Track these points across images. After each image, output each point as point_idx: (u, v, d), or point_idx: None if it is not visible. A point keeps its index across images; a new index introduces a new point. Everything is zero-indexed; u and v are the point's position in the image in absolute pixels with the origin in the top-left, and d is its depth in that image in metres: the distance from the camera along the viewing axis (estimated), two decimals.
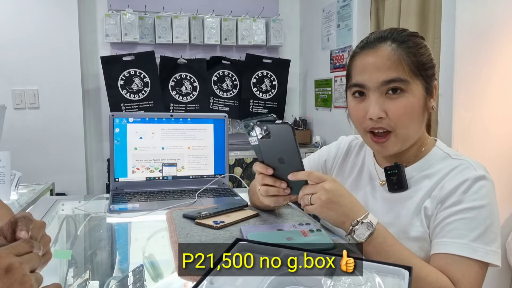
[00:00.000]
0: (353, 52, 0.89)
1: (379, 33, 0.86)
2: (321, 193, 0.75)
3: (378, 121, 0.82)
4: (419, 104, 0.82)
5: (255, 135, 0.78)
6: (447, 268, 0.74)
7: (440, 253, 0.77)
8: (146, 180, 1.39)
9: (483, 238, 0.75)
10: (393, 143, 0.84)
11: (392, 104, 0.81)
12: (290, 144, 0.75)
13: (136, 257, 0.98)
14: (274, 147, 0.78)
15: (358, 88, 0.84)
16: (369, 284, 0.53)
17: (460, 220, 0.77)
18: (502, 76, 1.73)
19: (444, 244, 0.77)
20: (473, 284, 0.73)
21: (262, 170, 0.82)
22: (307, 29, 3.14)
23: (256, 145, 0.80)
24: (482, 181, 0.80)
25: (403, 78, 0.80)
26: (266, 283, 0.56)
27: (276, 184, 0.81)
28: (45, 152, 2.65)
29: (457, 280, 0.73)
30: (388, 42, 0.82)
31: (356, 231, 0.74)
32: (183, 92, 2.88)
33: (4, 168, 1.37)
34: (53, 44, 2.62)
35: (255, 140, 0.79)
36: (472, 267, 0.74)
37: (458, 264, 0.74)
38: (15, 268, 0.47)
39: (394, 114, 0.81)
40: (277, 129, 0.75)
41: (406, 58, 0.81)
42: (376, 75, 0.81)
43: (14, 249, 0.50)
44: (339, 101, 2.69)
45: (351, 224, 0.75)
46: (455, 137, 1.68)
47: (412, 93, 0.81)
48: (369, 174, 0.97)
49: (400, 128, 0.82)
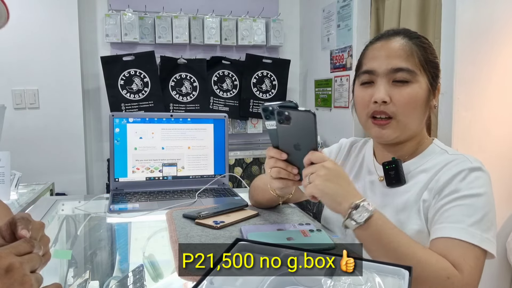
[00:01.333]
0: (367, 43, 0.93)
1: (393, 29, 0.92)
2: (320, 171, 0.75)
3: (382, 105, 0.85)
4: (423, 96, 0.86)
5: (274, 119, 0.77)
6: (447, 252, 0.75)
7: (439, 237, 0.78)
8: (146, 180, 1.39)
9: (480, 225, 0.77)
10: (393, 129, 0.86)
11: (397, 91, 0.85)
12: (309, 132, 0.75)
13: (136, 257, 0.98)
14: (293, 133, 0.77)
15: (367, 74, 0.88)
16: (369, 284, 0.53)
17: (457, 207, 0.79)
18: (502, 76, 1.73)
19: (443, 229, 0.78)
20: (473, 268, 0.74)
21: (276, 155, 0.81)
22: (307, 29, 3.14)
23: (273, 130, 0.79)
24: (478, 172, 0.82)
25: (411, 69, 0.84)
26: (266, 283, 0.56)
27: (287, 168, 0.80)
28: (45, 152, 2.65)
29: (458, 263, 0.73)
30: (401, 35, 0.88)
31: (355, 214, 0.74)
32: (183, 92, 2.88)
33: (4, 168, 1.37)
34: (53, 44, 2.62)
35: (273, 124, 0.78)
36: (471, 251, 0.75)
37: (458, 248, 0.75)
38: (16, 268, 0.47)
39: (398, 101, 0.84)
40: (300, 116, 0.75)
41: (417, 51, 0.86)
42: (386, 62, 0.85)
43: (15, 249, 0.50)
44: (339, 101, 2.69)
45: (350, 207, 0.74)
46: (455, 137, 1.68)
47: (418, 84, 0.85)
48: (368, 171, 0.98)
49: (402, 116, 0.85)
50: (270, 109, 0.78)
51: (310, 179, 0.76)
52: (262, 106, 0.79)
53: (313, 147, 0.77)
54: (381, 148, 0.96)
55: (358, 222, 0.74)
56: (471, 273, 0.73)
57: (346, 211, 0.75)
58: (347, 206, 0.75)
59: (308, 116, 0.74)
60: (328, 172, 0.75)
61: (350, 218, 0.74)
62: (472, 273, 0.73)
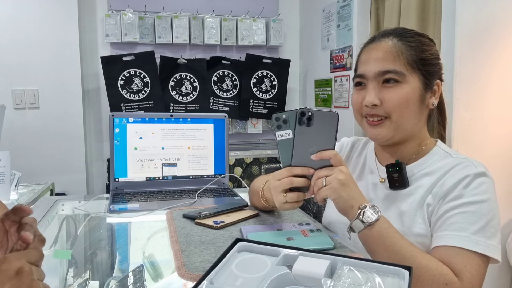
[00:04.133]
0: (362, 46, 0.95)
1: (385, 30, 0.93)
2: (338, 175, 0.76)
3: (373, 107, 0.87)
4: (414, 96, 0.86)
5: (288, 128, 0.76)
6: (448, 260, 0.75)
7: (441, 245, 0.77)
8: (146, 180, 1.39)
9: (484, 232, 0.76)
10: (387, 128, 0.87)
11: (387, 93, 0.86)
12: (330, 134, 0.76)
13: (136, 257, 0.98)
14: (312, 137, 0.77)
15: (359, 78, 0.91)
16: (369, 284, 0.53)
17: (461, 214, 0.78)
18: (502, 76, 1.73)
19: (445, 237, 0.77)
20: (475, 275, 0.74)
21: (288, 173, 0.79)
22: (307, 29, 3.14)
23: (285, 140, 0.78)
24: (482, 178, 0.81)
25: (398, 70, 0.85)
26: (266, 283, 0.56)
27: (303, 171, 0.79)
28: (45, 152, 2.65)
29: (459, 271, 0.73)
30: (391, 37, 0.88)
31: (365, 214, 0.76)
32: (183, 92, 2.88)
33: (4, 168, 1.37)
34: (53, 44, 2.62)
35: (286, 134, 0.77)
36: (473, 259, 0.75)
37: (460, 256, 0.75)
38: (25, 271, 0.49)
39: (388, 102, 0.86)
40: (324, 116, 0.75)
41: (405, 52, 0.86)
42: (375, 66, 0.87)
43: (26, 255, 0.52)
44: (339, 101, 2.69)
45: (359, 208, 0.76)
46: (455, 137, 1.68)
47: (408, 84, 0.85)
48: (370, 172, 0.98)
49: (395, 115, 0.86)
50: (284, 117, 0.76)
51: (326, 182, 0.76)
52: (275, 115, 0.78)
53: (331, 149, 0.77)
54: (382, 149, 0.96)
55: (365, 223, 0.75)
56: (472, 281, 0.73)
57: (355, 212, 0.76)
58: (357, 208, 0.77)
59: (333, 116, 0.75)
60: (345, 177, 0.77)
61: (358, 219, 0.75)
62: (473, 281, 0.73)
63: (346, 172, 0.78)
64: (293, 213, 1.12)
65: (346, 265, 0.57)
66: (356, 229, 0.77)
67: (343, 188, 0.76)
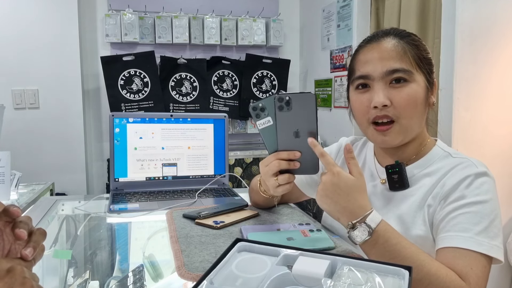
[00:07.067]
0: (357, 47, 0.91)
1: (382, 30, 0.90)
2: (320, 185, 0.76)
3: (383, 109, 0.83)
4: (422, 95, 0.84)
5: (267, 115, 0.76)
6: (454, 262, 0.74)
7: (446, 247, 0.76)
8: (146, 180, 1.39)
9: (487, 232, 0.76)
10: (396, 133, 0.84)
11: (396, 93, 0.83)
12: (310, 114, 0.75)
13: (136, 257, 0.98)
14: (292, 120, 0.76)
15: (362, 80, 0.86)
16: (369, 284, 0.53)
17: (464, 214, 0.78)
18: (502, 76, 1.73)
19: (450, 238, 0.77)
20: (480, 277, 0.73)
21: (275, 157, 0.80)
22: (307, 29, 3.14)
23: (267, 127, 0.78)
24: (484, 177, 0.80)
25: (407, 69, 0.83)
26: (266, 283, 0.56)
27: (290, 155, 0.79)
28: (45, 152, 2.65)
29: (465, 274, 0.72)
30: (391, 36, 0.86)
31: (352, 234, 0.74)
32: (183, 92, 2.88)
33: (4, 168, 1.37)
34: (53, 44, 2.62)
35: (266, 122, 0.77)
36: (479, 260, 0.74)
37: (465, 258, 0.74)
38: (17, 269, 0.49)
39: (398, 103, 0.82)
40: (301, 98, 0.75)
41: (410, 49, 0.84)
42: (381, 65, 0.83)
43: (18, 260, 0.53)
44: (339, 101, 2.69)
45: (347, 226, 0.74)
46: (455, 137, 1.68)
47: (415, 83, 0.83)
48: (370, 173, 0.97)
49: (404, 118, 0.83)
50: (261, 105, 0.77)
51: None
52: (251, 105, 0.78)
53: (313, 131, 0.77)
54: (382, 150, 0.95)
55: (357, 242, 0.74)
56: (478, 283, 0.72)
57: (346, 226, 0.75)
58: (345, 223, 0.75)
59: (309, 97, 0.74)
60: (323, 187, 0.75)
61: (349, 236, 0.75)
62: (479, 283, 0.73)
63: (326, 181, 0.74)
64: (293, 213, 1.12)
65: (346, 265, 0.57)
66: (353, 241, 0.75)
67: (322, 199, 0.76)
